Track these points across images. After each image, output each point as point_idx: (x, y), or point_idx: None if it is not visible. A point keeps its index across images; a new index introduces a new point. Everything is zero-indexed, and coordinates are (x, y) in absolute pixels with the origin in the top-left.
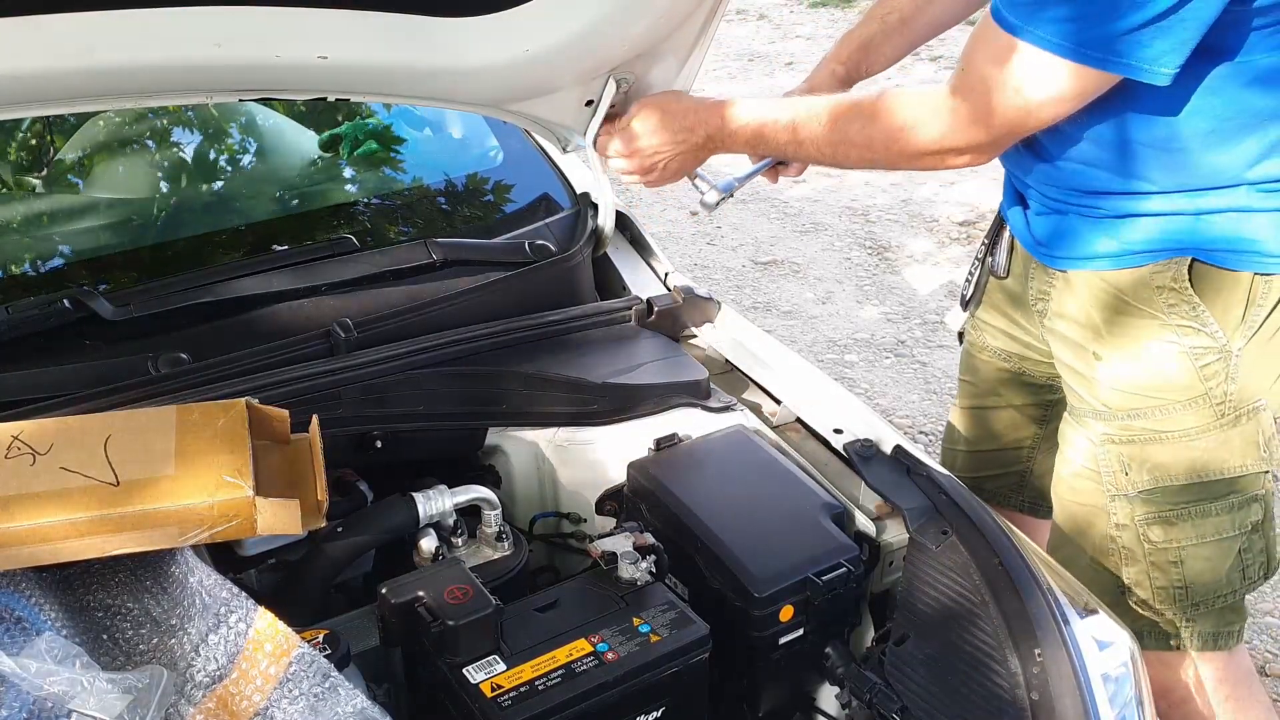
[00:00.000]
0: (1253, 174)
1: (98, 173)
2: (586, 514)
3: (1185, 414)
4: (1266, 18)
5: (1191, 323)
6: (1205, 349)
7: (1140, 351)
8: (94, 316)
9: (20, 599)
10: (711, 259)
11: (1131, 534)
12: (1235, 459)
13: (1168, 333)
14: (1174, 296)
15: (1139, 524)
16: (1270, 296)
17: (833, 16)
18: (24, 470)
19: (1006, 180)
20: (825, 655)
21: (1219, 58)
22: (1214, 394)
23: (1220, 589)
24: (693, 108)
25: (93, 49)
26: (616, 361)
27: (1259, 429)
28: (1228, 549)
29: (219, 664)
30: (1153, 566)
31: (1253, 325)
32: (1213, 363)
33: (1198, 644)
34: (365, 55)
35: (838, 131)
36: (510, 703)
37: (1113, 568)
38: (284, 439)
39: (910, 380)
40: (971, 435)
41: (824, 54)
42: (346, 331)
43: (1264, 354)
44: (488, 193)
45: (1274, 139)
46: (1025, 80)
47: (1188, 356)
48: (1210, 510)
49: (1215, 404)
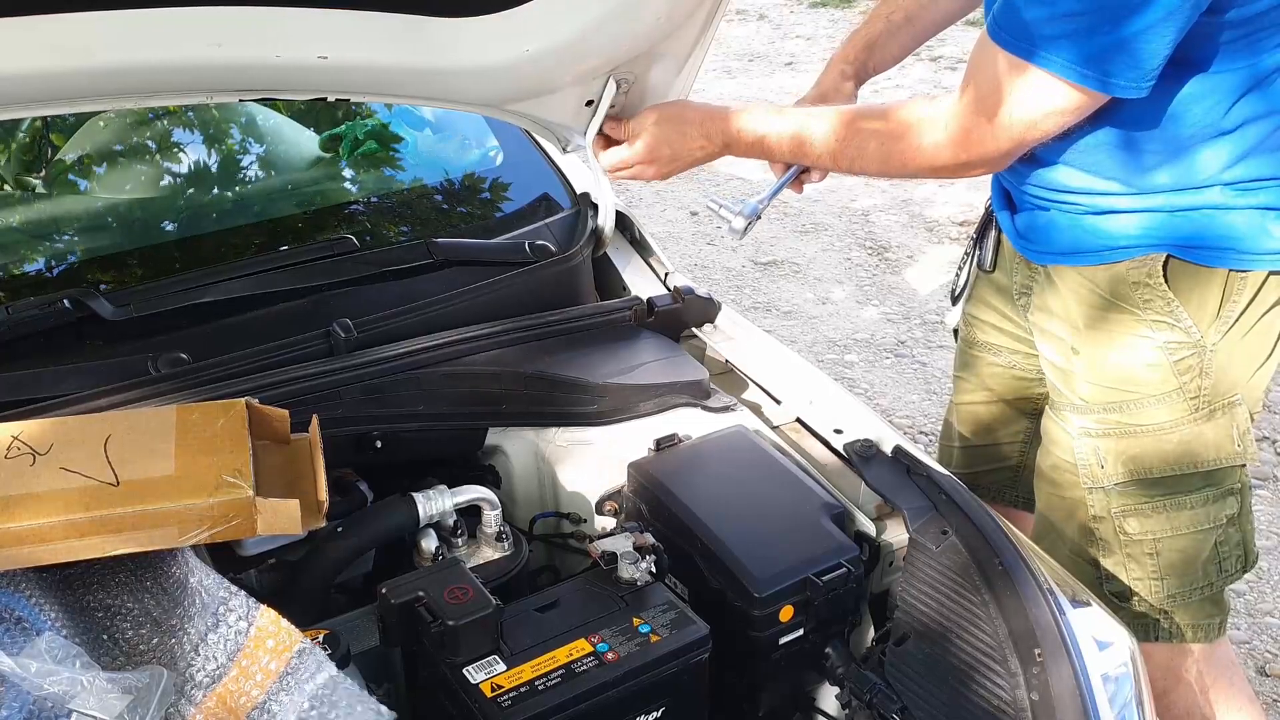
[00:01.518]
0: (1228, 175)
1: (97, 173)
2: (586, 514)
3: (1159, 408)
4: (1236, 30)
5: (1166, 318)
6: (1180, 344)
7: (1116, 346)
8: (94, 316)
9: (20, 599)
10: (711, 259)
11: (1108, 526)
12: (1210, 453)
13: (1143, 328)
14: (1149, 292)
15: (1115, 516)
16: (1245, 293)
17: (833, 16)
18: (24, 470)
19: (994, 178)
20: (825, 655)
21: (1194, 68)
22: (1188, 389)
23: (1197, 581)
24: (710, 114)
25: (93, 49)
26: (616, 361)
27: (1234, 423)
28: (1203, 542)
29: (219, 663)
30: (1129, 558)
31: (1227, 321)
32: (1187, 357)
33: (1177, 636)
34: (365, 55)
35: (853, 146)
36: (510, 703)
37: (1091, 559)
38: (284, 439)
39: (910, 380)
40: (967, 431)
41: (830, 54)
42: (346, 331)
43: (1238, 349)
44: (487, 193)
45: (1249, 143)
46: (1026, 98)
47: (1162, 351)
48: (1185, 503)
49: (1189, 398)
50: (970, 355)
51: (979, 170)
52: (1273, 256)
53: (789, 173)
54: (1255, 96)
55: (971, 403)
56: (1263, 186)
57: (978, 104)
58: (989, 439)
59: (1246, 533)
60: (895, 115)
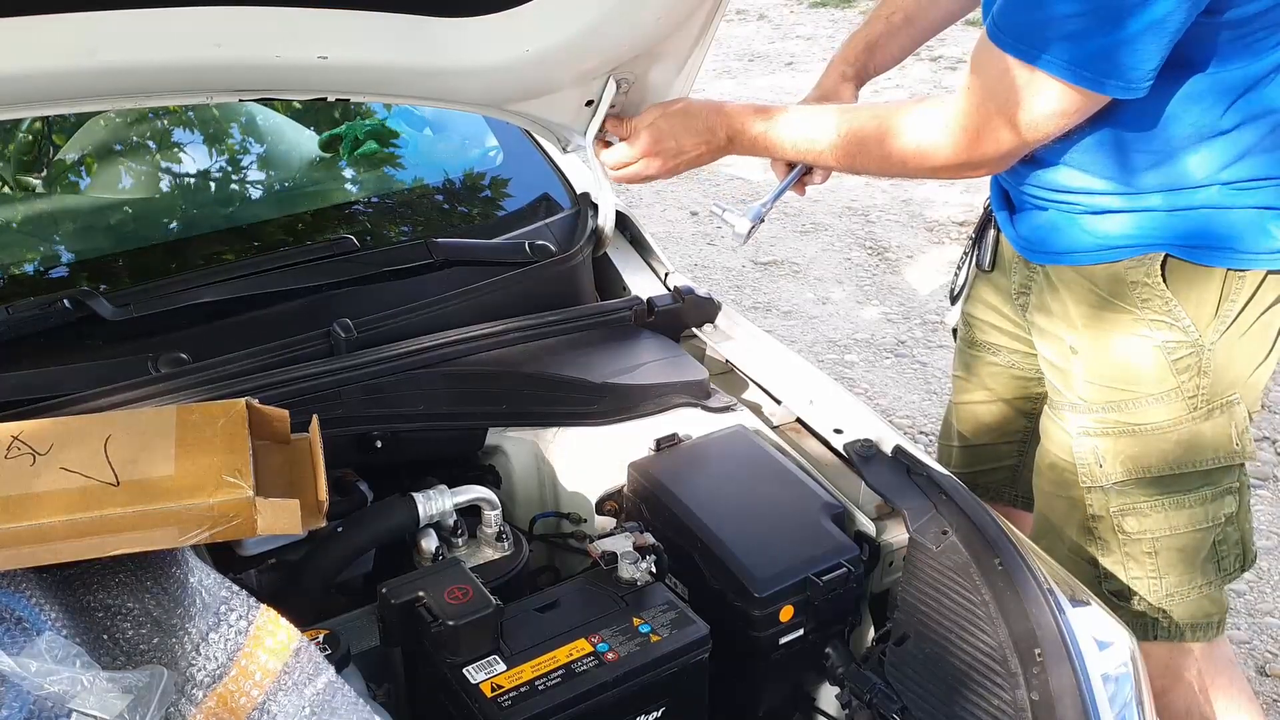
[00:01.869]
0: (1226, 174)
1: (98, 173)
2: (586, 514)
3: (1158, 407)
4: (1234, 31)
5: (1164, 317)
6: (1178, 343)
7: (1114, 345)
8: (94, 316)
9: (20, 599)
10: (711, 259)
11: (1106, 525)
12: (1208, 452)
13: (1141, 327)
14: (1147, 291)
15: (1113, 515)
16: (1243, 292)
17: (833, 16)
18: (24, 470)
19: (992, 179)
20: (825, 655)
21: (1191, 69)
22: (1186, 388)
23: (1195, 580)
24: (714, 109)
25: (93, 49)
26: (616, 361)
27: (1232, 422)
28: (1202, 540)
29: (219, 663)
30: (1127, 557)
31: (1225, 320)
32: (1185, 357)
33: (1175, 634)
34: (365, 55)
35: (855, 144)
36: (510, 703)
37: (1090, 558)
38: (284, 439)
39: (910, 380)
40: (966, 430)
41: (830, 54)
42: (346, 331)
43: (1237, 349)
44: (488, 192)
45: (1246, 143)
46: (1026, 99)
47: (1160, 350)
48: (1184, 502)
49: (1187, 397)
50: (969, 355)
51: (981, 171)
52: (1271, 255)
53: (791, 175)
54: (1252, 96)
55: (971, 402)
56: (1260, 186)
57: (979, 106)
58: (988, 438)
59: (1245, 531)
60: (897, 115)
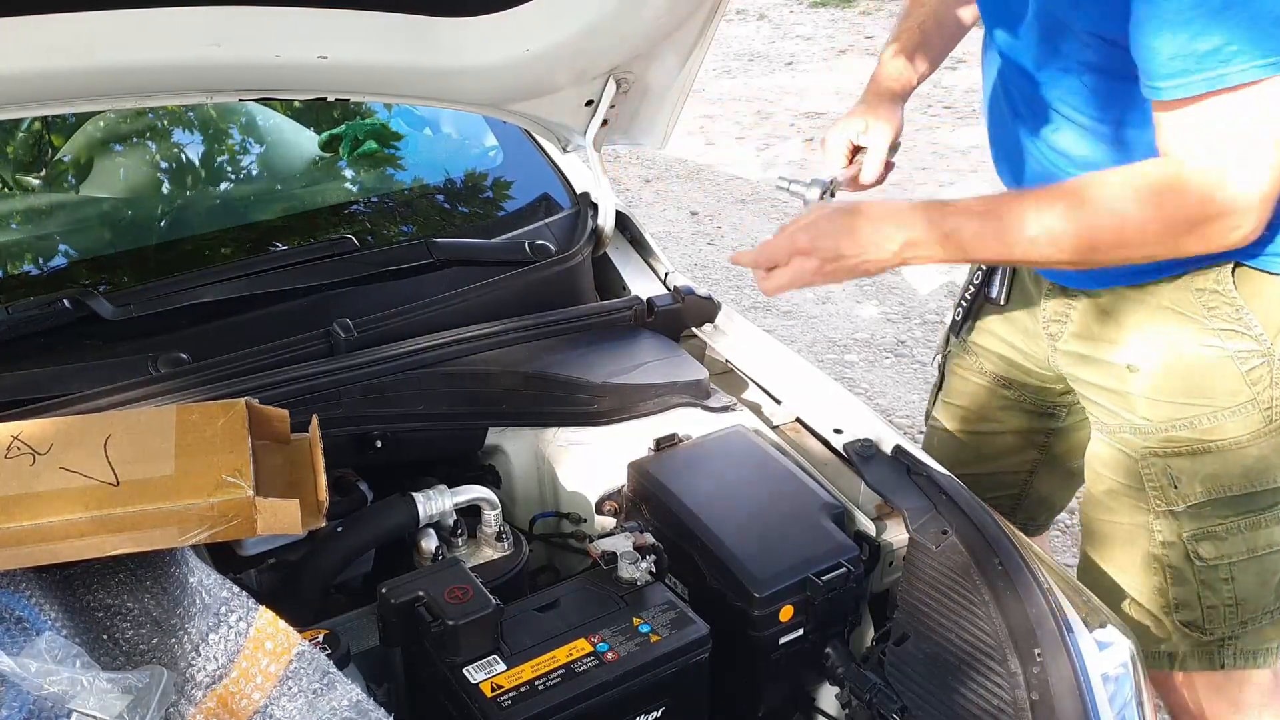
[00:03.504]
0: None
1: (97, 173)
2: (586, 514)
3: (1233, 421)
4: None
5: (1234, 325)
6: (1250, 353)
7: (1180, 359)
8: (94, 316)
9: (20, 599)
10: (711, 259)
11: (1178, 552)
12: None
13: (1209, 336)
14: (1215, 299)
15: (1187, 541)
16: None
17: (833, 16)
18: (24, 470)
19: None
20: (825, 655)
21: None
22: (1261, 399)
23: (1269, 604)
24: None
25: (93, 49)
26: (616, 361)
27: None
28: (1277, 562)
29: (219, 663)
30: (1203, 585)
31: None
32: (1257, 367)
33: (1241, 662)
34: (365, 55)
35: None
36: (510, 703)
37: (1157, 589)
38: (284, 439)
39: (910, 380)
40: (966, 458)
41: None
42: (346, 331)
43: None
44: (487, 192)
45: None
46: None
47: (1232, 361)
48: (1261, 522)
49: (1263, 409)
50: (971, 384)
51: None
52: None
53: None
54: None
55: (972, 431)
56: None
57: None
58: (992, 467)
59: None
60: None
